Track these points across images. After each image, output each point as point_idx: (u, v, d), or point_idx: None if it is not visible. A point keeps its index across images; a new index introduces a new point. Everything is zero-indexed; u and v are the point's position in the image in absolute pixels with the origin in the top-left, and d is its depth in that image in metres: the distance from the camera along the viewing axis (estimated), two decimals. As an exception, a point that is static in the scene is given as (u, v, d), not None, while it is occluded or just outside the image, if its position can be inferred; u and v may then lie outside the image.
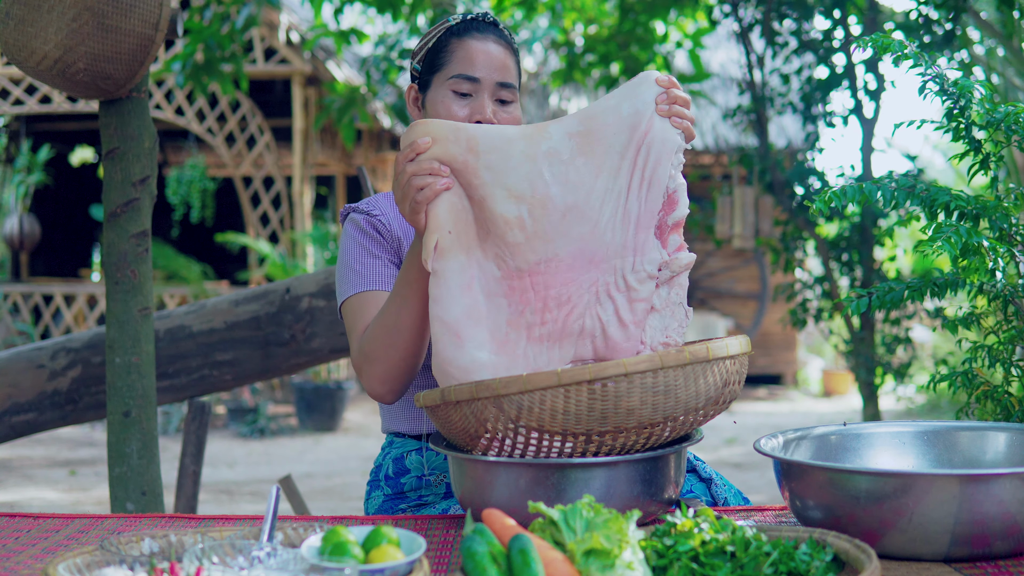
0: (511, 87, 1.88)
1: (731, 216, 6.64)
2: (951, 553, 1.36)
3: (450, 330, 1.58)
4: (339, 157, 11.39)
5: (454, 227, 1.60)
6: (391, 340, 1.71)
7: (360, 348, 1.77)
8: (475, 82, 1.85)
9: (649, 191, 1.62)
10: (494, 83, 1.86)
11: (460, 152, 1.59)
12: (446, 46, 1.88)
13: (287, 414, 9.69)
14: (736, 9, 6.09)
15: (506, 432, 1.47)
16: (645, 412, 1.45)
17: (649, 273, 1.61)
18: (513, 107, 1.89)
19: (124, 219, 2.76)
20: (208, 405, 3.37)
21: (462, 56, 1.86)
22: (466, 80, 1.85)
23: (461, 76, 1.85)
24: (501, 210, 1.58)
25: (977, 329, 2.08)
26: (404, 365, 1.73)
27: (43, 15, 2.51)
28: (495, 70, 1.86)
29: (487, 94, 1.86)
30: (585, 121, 1.63)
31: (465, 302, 1.59)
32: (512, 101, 1.89)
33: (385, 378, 1.74)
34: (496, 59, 1.87)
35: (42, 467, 7.50)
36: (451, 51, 1.87)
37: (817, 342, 12.95)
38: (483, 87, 1.85)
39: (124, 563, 1.27)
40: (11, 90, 10.33)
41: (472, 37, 1.87)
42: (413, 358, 1.73)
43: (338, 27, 6.52)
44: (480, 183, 1.59)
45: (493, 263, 1.60)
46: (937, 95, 1.91)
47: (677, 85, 1.64)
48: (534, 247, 1.59)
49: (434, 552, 1.49)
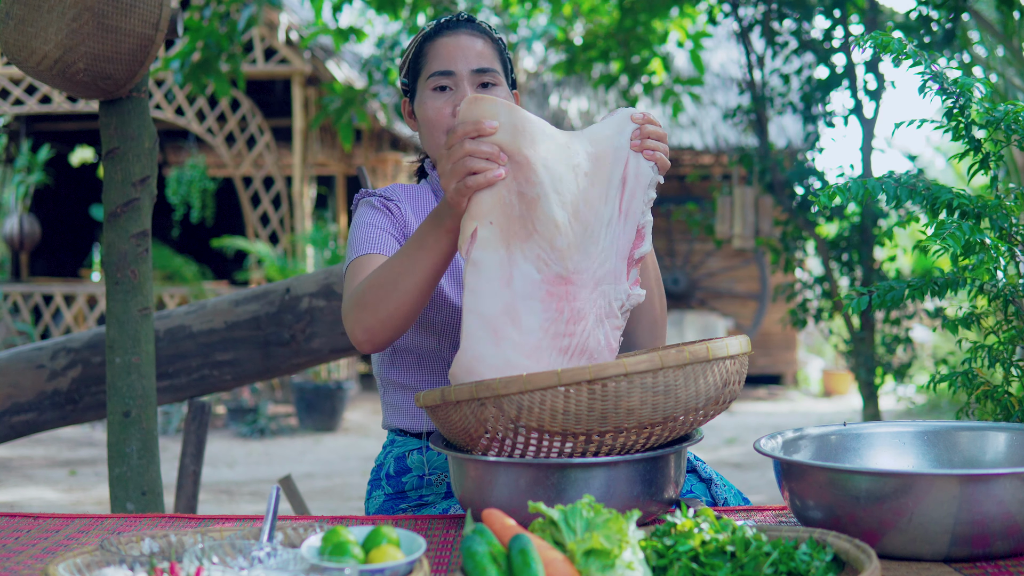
0: (491, 71, 1.89)
1: (731, 216, 6.64)
2: (951, 553, 1.36)
3: (488, 326, 1.54)
4: (339, 157, 11.39)
5: (496, 219, 1.55)
6: (386, 295, 1.67)
7: (353, 294, 1.73)
8: (450, 75, 1.88)
9: (626, 223, 1.64)
10: (470, 71, 1.88)
11: (524, 145, 1.55)
12: (422, 51, 1.93)
13: (287, 414, 9.69)
14: (736, 9, 6.09)
15: (506, 432, 1.47)
16: (645, 412, 1.45)
17: (622, 303, 1.64)
18: (498, 89, 1.90)
19: (124, 219, 2.76)
20: (208, 405, 3.37)
21: (435, 54, 1.90)
22: (442, 75, 1.88)
23: (437, 73, 1.88)
24: (554, 213, 1.55)
25: (977, 329, 2.08)
26: (391, 323, 1.69)
27: (43, 15, 2.51)
28: (470, 59, 1.88)
29: (466, 83, 1.88)
30: (594, 143, 1.63)
31: (505, 299, 1.55)
32: (496, 84, 1.90)
33: (369, 329, 1.70)
34: (470, 49, 1.89)
35: (42, 467, 7.49)
36: (426, 54, 1.92)
37: (817, 342, 12.95)
38: (461, 78, 1.88)
39: (124, 563, 1.27)
40: (11, 90, 10.34)
41: (444, 36, 1.91)
42: (402, 319, 1.69)
43: (337, 25, 6.52)
44: (537, 182, 1.55)
45: (533, 265, 1.56)
46: (937, 94, 1.91)
47: (653, 121, 1.66)
48: (572, 256, 1.58)
49: (434, 552, 1.49)
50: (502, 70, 1.93)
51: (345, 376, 9.82)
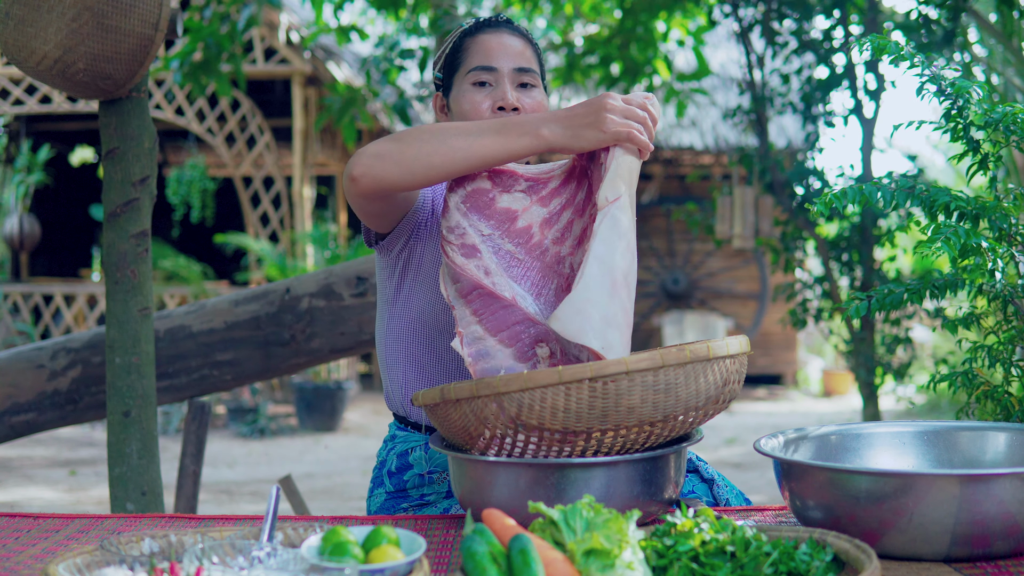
0: (531, 71, 1.91)
1: (731, 216, 6.64)
2: (951, 553, 1.36)
3: (610, 276, 1.54)
4: (339, 157, 11.39)
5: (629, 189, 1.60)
6: (422, 142, 1.59)
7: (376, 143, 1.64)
8: (493, 71, 1.88)
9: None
10: (512, 69, 1.89)
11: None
12: (461, 46, 1.93)
13: (287, 414, 9.68)
14: (736, 9, 6.09)
15: (505, 431, 1.47)
16: (646, 410, 1.45)
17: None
18: (536, 91, 1.91)
19: (124, 219, 2.76)
20: (208, 405, 3.37)
21: (477, 50, 1.90)
22: (484, 70, 1.88)
23: (479, 68, 1.88)
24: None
25: (977, 329, 2.08)
26: (406, 165, 1.60)
27: (43, 15, 2.51)
28: (511, 57, 1.89)
29: (507, 80, 1.88)
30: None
31: (628, 261, 1.57)
32: (534, 86, 1.91)
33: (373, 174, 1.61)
34: (511, 47, 1.90)
35: (42, 467, 7.49)
36: (466, 49, 1.92)
37: (817, 342, 12.95)
38: (502, 75, 1.88)
39: (124, 563, 1.27)
40: (11, 90, 10.33)
41: (485, 32, 1.92)
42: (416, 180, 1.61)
43: (338, 24, 6.52)
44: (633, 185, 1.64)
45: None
46: (935, 95, 1.91)
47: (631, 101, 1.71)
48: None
49: (434, 552, 1.49)
50: (539, 72, 1.95)
51: (345, 376, 9.82)
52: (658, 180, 11.97)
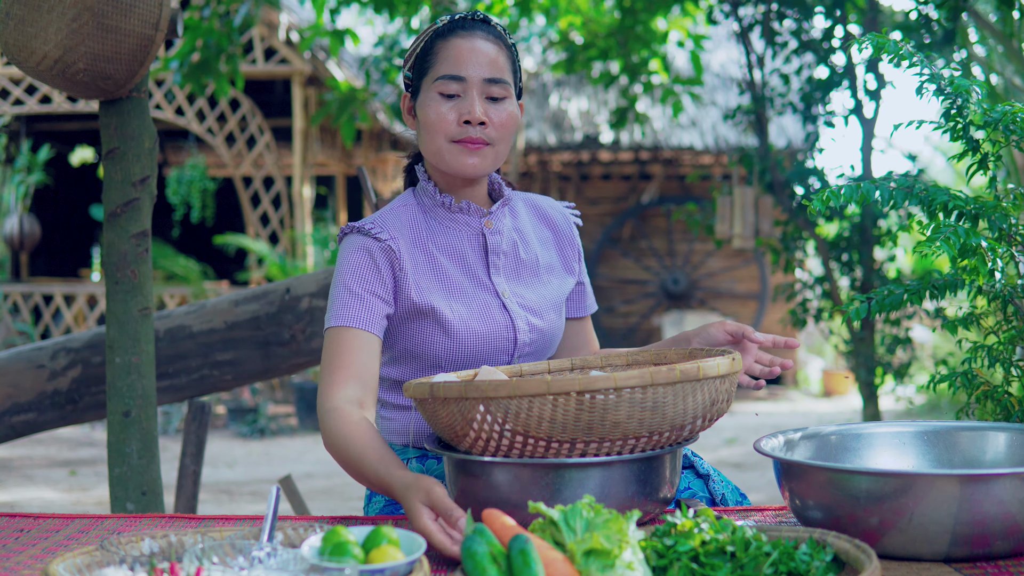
0: (502, 83, 1.80)
1: (731, 216, 6.63)
2: (951, 553, 1.36)
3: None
4: (339, 157, 11.39)
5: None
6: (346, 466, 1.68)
7: (329, 425, 1.70)
8: (461, 81, 1.78)
9: None
10: (482, 80, 1.79)
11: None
12: (432, 48, 1.83)
13: (287, 414, 9.69)
14: (736, 9, 6.09)
15: (491, 434, 1.46)
16: (631, 426, 1.45)
17: None
18: (506, 103, 1.81)
19: (124, 219, 2.76)
20: (208, 405, 3.37)
21: (447, 56, 1.80)
22: (452, 80, 1.78)
23: (446, 76, 1.79)
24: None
25: (977, 329, 2.08)
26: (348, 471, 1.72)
27: (43, 15, 2.50)
28: (482, 66, 1.79)
29: (476, 92, 1.79)
30: None
31: None
32: (504, 98, 1.81)
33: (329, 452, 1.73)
34: (483, 55, 1.80)
35: (42, 467, 7.49)
36: (436, 52, 1.82)
37: (817, 342, 12.95)
38: (470, 85, 1.79)
39: (124, 563, 1.27)
40: (11, 90, 10.34)
41: (457, 36, 1.81)
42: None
43: (333, 26, 6.52)
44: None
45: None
46: (935, 95, 1.91)
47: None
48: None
49: (434, 552, 1.49)
50: (512, 80, 1.84)
51: (345, 376, 9.81)
52: (658, 180, 11.97)
